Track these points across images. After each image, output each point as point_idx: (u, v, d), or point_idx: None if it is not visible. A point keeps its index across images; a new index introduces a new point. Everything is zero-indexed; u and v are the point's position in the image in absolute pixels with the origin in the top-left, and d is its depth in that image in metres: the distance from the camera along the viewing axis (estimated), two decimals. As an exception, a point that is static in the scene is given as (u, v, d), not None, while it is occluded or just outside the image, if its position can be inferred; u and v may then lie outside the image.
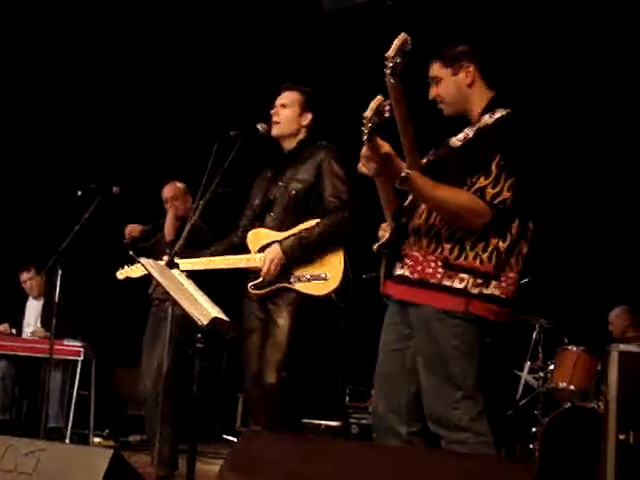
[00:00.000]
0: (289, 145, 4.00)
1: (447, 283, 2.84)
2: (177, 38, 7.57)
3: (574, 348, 5.73)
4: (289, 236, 3.79)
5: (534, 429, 5.74)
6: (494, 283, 2.84)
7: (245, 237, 3.96)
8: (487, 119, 2.96)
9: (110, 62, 7.75)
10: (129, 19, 7.39)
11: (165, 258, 3.62)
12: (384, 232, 3.11)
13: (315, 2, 7.33)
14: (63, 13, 7.28)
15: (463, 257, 2.84)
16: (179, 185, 5.13)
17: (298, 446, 2.61)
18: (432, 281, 2.87)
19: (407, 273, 2.95)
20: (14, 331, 6.86)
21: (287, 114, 3.95)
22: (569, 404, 5.43)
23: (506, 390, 6.41)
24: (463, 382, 2.86)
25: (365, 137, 2.70)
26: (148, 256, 3.68)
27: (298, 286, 3.76)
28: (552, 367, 5.85)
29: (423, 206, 2.97)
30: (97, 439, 6.73)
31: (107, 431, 7.09)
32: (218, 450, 6.24)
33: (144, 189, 7.05)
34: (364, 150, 2.80)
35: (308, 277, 3.75)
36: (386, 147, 2.79)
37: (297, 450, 2.56)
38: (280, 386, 3.68)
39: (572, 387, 5.59)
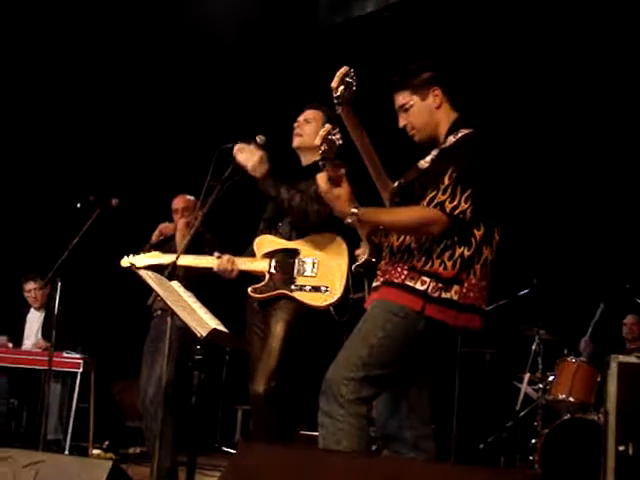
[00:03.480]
0: (307, 159, 4.03)
1: (409, 283, 2.93)
2: (176, 51, 7.60)
3: (574, 359, 5.74)
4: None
5: (533, 440, 5.73)
6: (456, 288, 2.91)
7: None
8: (451, 139, 3.07)
9: (110, 77, 7.78)
10: (126, 29, 7.42)
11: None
12: (362, 254, 3.24)
13: (312, 14, 7.36)
14: (61, 22, 7.31)
15: (429, 265, 2.92)
16: (190, 197, 5.11)
17: (295, 458, 2.61)
18: (396, 281, 2.96)
19: (377, 283, 3.07)
20: (10, 345, 6.84)
21: (310, 129, 3.98)
22: (568, 416, 5.43)
23: (505, 401, 6.41)
24: (363, 366, 2.88)
25: (320, 163, 2.88)
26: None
27: (297, 294, 3.77)
28: (552, 378, 5.85)
29: None
30: (96, 451, 6.70)
31: (107, 443, 7.06)
32: (217, 462, 6.22)
33: (143, 201, 7.08)
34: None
35: (309, 288, 3.76)
36: (342, 189, 2.96)
37: (295, 462, 2.56)
38: (268, 395, 3.67)
39: (571, 399, 5.59)
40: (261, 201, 4.05)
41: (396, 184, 3.21)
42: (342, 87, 2.98)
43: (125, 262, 4.36)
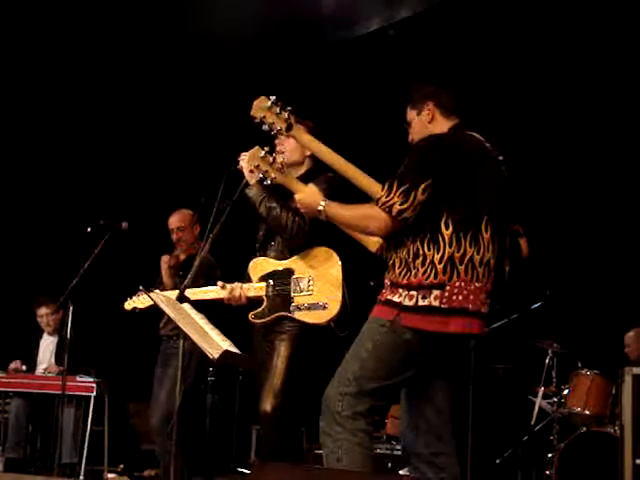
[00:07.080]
0: (296, 173, 3.99)
1: (390, 297, 2.96)
2: (185, 72, 7.64)
3: (588, 372, 5.70)
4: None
5: (550, 455, 5.70)
6: (435, 293, 2.88)
7: None
8: None
9: (121, 99, 7.82)
10: (138, 46, 7.44)
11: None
12: None
13: (318, 33, 7.39)
14: (69, 35, 7.33)
15: (407, 276, 2.93)
16: (185, 212, 5.12)
17: (308, 477, 2.60)
18: (382, 298, 3.01)
19: None
20: (24, 367, 6.85)
21: (291, 144, 3.96)
22: (584, 429, 5.40)
23: (520, 416, 6.37)
24: (355, 380, 2.91)
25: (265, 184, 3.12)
26: None
27: (297, 315, 3.77)
28: (566, 392, 5.81)
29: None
30: (111, 475, 6.69)
31: (121, 466, 7.05)
32: (232, 483, 6.21)
33: (153, 224, 7.10)
34: None
35: (307, 306, 3.76)
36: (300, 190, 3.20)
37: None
38: (275, 414, 3.68)
39: (587, 412, 5.56)
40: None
41: None
42: (263, 113, 3.14)
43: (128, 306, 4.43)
